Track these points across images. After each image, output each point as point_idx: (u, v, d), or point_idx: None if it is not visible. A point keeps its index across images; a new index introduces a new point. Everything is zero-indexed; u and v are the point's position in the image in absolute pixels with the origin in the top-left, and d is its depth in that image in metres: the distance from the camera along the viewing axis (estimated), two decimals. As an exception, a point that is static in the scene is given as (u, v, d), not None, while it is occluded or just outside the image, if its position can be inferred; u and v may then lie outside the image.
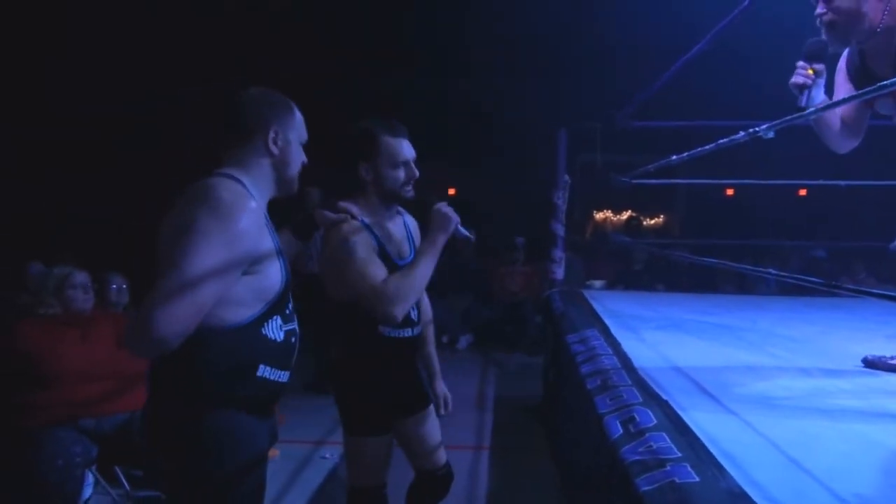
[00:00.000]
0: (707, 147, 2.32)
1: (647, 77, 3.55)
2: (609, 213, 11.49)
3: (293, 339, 1.51)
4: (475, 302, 7.10)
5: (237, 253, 1.33)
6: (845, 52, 2.05)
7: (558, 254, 4.43)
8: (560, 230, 4.40)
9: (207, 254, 1.29)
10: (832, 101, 1.95)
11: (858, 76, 2.01)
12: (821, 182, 3.95)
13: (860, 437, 1.58)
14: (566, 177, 4.43)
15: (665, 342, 2.64)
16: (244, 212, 1.35)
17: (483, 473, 3.39)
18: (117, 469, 2.83)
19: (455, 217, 1.84)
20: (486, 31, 7.58)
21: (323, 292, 1.95)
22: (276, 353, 1.45)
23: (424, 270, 1.78)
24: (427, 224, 1.85)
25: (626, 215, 11.03)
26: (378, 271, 1.78)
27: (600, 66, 7.51)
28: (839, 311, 3.48)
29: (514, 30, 7.50)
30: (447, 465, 2.20)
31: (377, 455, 1.98)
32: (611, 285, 6.02)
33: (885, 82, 1.36)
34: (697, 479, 1.25)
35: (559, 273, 4.40)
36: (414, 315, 2.00)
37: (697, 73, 2.70)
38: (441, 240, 1.82)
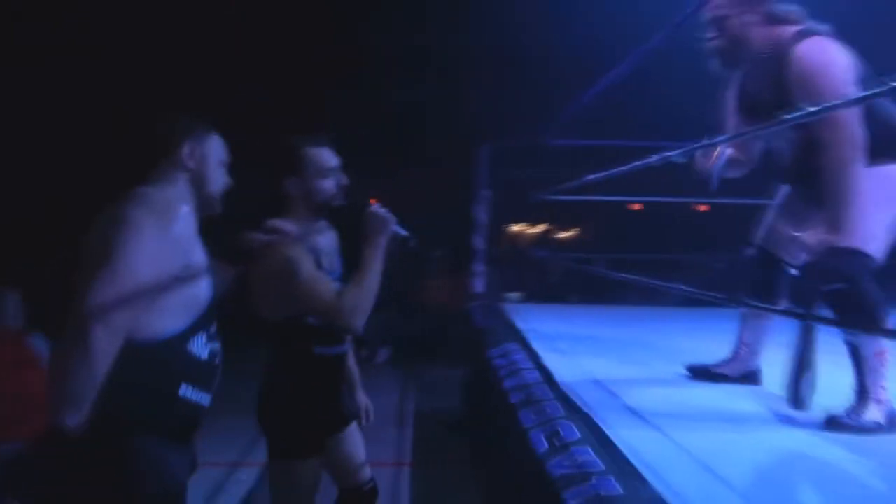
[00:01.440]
0: (622, 168, 2.43)
1: (571, 95, 3.68)
2: (524, 226, 11.80)
3: (216, 360, 1.47)
4: (394, 315, 7.09)
5: (173, 256, 1.32)
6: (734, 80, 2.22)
7: (479, 267, 4.50)
8: (481, 244, 4.48)
9: (142, 250, 1.27)
10: (730, 136, 2.12)
11: (743, 102, 2.18)
12: (720, 200, 4.22)
13: (766, 444, 1.69)
14: (486, 191, 4.52)
15: (583, 356, 2.73)
16: (179, 214, 1.36)
17: (404, 490, 3.38)
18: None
19: (390, 217, 1.84)
20: (412, 45, 7.65)
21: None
22: (200, 373, 1.40)
23: (375, 276, 1.77)
24: (363, 229, 1.83)
25: (540, 228, 11.37)
26: (329, 286, 1.75)
27: (525, 83, 7.72)
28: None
29: (440, 44, 7.61)
30: (372, 479, 2.18)
31: (312, 478, 1.93)
32: (527, 298, 6.16)
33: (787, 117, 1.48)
34: (622, 491, 1.31)
35: (480, 286, 4.46)
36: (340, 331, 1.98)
37: (620, 92, 2.81)
38: (382, 242, 1.81)
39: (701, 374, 2.39)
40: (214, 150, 1.54)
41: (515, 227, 11.46)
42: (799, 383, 1.88)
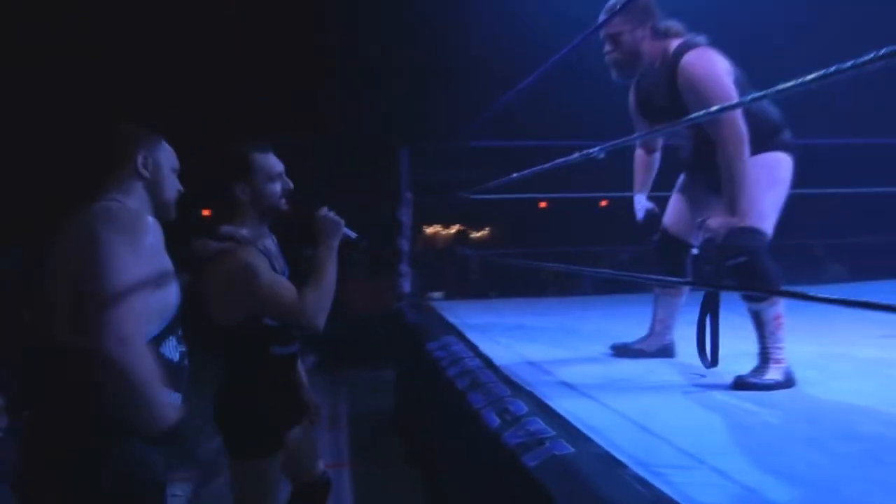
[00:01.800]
0: (545, 165, 2.63)
1: (489, 98, 3.86)
2: (439, 227, 12.02)
3: (186, 362, 1.53)
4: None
5: (148, 267, 1.37)
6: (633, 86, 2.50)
7: (404, 268, 4.61)
8: (405, 245, 4.59)
9: (120, 271, 1.32)
10: (635, 136, 2.40)
11: (642, 106, 2.46)
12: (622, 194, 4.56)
13: (688, 404, 1.93)
14: (408, 194, 4.64)
15: (517, 342, 2.92)
16: (146, 227, 1.41)
17: (346, 490, 3.45)
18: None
19: (340, 220, 1.93)
20: (330, 45, 7.66)
21: None
22: (172, 374, 1.45)
23: (331, 277, 1.85)
24: (315, 232, 1.91)
25: (454, 229, 11.61)
26: (290, 289, 1.82)
27: (444, 85, 7.91)
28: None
29: (359, 45, 7.67)
30: (326, 473, 2.26)
31: (275, 475, 1.99)
32: (448, 296, 6.35)
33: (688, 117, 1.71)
34: (573, 450, 1.48)
35: (406, 286, 4.58)
36: (295, 331, 2.05)
37: (540, 93, 3.01)
38: (335, 244, 1.90)
39: (622, 351, 2.64)
40: (166, 157, 1.60)
41: (430, 229, 11.66)
42: (706, 345, 2.14)
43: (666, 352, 2.60)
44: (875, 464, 1.47)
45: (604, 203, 9.81)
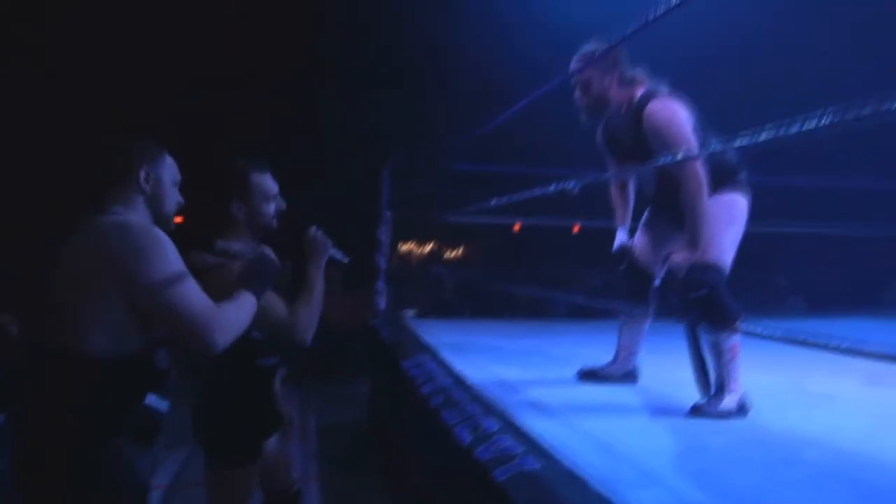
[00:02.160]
0: (523, 194, 2.76)
1: (475, 121, 3.99)
2: (413, 245, 12.12)
3: (173, 370, 1.60)
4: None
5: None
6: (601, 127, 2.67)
7: (381, 285, 4.70)
8: (383, 263, 4.69)
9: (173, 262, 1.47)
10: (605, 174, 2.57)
11: (609, 145, 2.64)
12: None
13: (648, 427, 2.06)
14: (388, 213, 4.74)
15: (489, 363, 3.03)
16: (163, 236, 1.49)
17: (317, 503, 3.50)
18: None
19: (329, 241, 2.03)
20: (318, 58, 7.75)
21: None
22: (162, 382, 1.52)
23: (318, 296, 1.94)
24: (304, 251, 2.00)
25: (429, 247, 11.73)
26: (279, 304, 1.90)
27: (429, 105, 8.04)
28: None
29: (345, 60, 7.77)
30: (296, 483, 2.33)
31: (251, 484, 2.06)
32: (422, 314, 6.43)
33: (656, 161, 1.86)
34: (539, 465, 1.59)
35: (382, 303, 4.67)
36: (279, 343, 2.13)
37: (523, 120, 3.13)
38: (323, 263, 1.99)
39: (590, 375, 2.77)
40: (168, 171, 1.65)
41: (404, 246, 11.75)
42: (707, 376, 2.28)
43: (630, 377, 2.73)
44: (814, 487, 1.60)
45: (576, 229, 10.04)
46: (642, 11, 1.66)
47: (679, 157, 2.03)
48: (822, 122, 1.16)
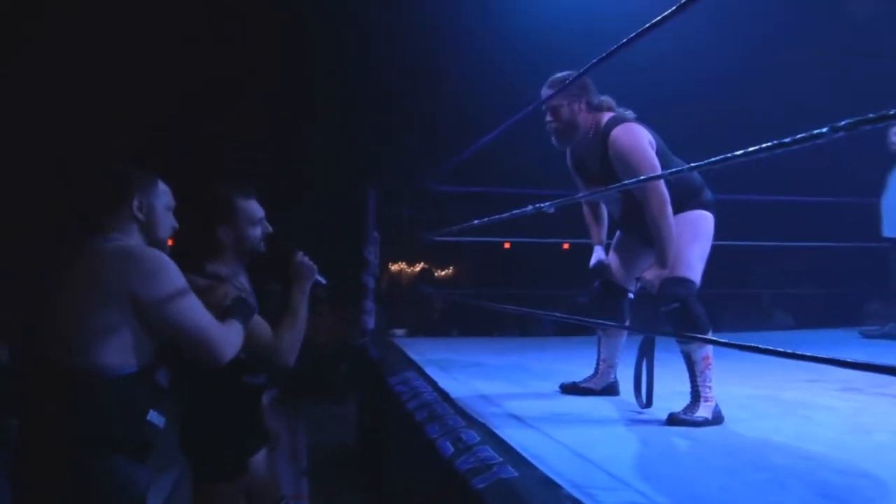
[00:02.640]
0: (503, 215, 2.86)
1: (457, 143, 4.10)
2: (404, 265, 12.19)
3: (172, 386, 1.68)
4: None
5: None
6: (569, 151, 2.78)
7: (369, 304, 4.76)
8: (371, 283, 4.75)
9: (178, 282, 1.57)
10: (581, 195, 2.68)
11: (577, 167, 2.77)
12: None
13: (623, 437, 2.13)
14: (375, 233, 4.82)
15: (473, 379, 3.10)
16: (167, 258, 1.60)
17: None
18: None
19: (314, 266, 2.11)
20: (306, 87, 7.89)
21: None
22: (162, 399, 1.60)
23: (303, 317, 2.02)
24: (290, 275, 2.08)
25: (419, 267, 11.80)
26: (264, 326, 1.98)
27: (414, 128, 8.19)
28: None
29: (331, 86, 7.91)
30: (285, 498, 2.38)
31: (239, 499, 2.11)
32: (411, 333, 6.49)
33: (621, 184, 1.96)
34: (517, 474, 1.66)
35: (370, 322, 4.73)
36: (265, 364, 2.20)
37: (506, 143, 3.24)
38: (307, 287, 2.07)
39: (571, 389, 2.84)
40: (161, 198, 1.75)
41: (394, 266, 11.82)
42: (642, 387, 2.38)
43: (610, 390, 2.81)
44: (779, 489, 1.68)
45: (566, 246, 10.15)
46: (613, 43, 1.77)
47: (642, 178, 2.15)
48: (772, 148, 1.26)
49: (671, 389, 2.49)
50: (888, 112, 1.05)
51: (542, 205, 2.42)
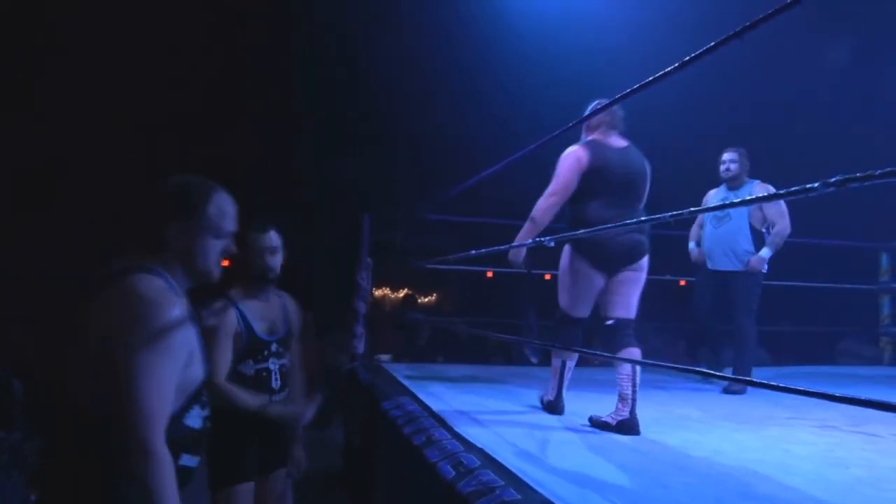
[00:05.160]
0: (501, 247, 2.98)
1: (448, 168, 4.23)
2: (387, 290, 12.24)
3: (208, 424, 1.59)
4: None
5: (181, 349, 1.46)
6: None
7: (359, 329, 4.82)
8: (363, 308, 4.81)
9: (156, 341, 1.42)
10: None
11: None
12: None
13: (616, 464, 2.22)
14: (368, 259, 4.90)
15: (466, 404, 3.17)
16: (179, 303, 1.46)
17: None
18: None
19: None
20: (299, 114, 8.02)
21: None
22: (195, 441, 1.53)
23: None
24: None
25: (402, 293, 11.85)
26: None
27: (406, 155, 8.34)
28: (589, 377, 4.37)
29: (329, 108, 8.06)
30: None
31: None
32: (396, 358, 6.52)
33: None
34: (519, 496, 1.74)
35: (360, 347, 4.78)
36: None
37: (507, 175, 3.38)
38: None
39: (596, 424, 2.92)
40: (207, 224, 1.54)
41: (378, 292, 11.85)
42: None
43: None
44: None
45: (548, 277, 10.29)
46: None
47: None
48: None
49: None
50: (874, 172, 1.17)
51: (543, 238, 2.53)
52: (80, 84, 7.25)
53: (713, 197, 4.40)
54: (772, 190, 4.00)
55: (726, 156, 4.24)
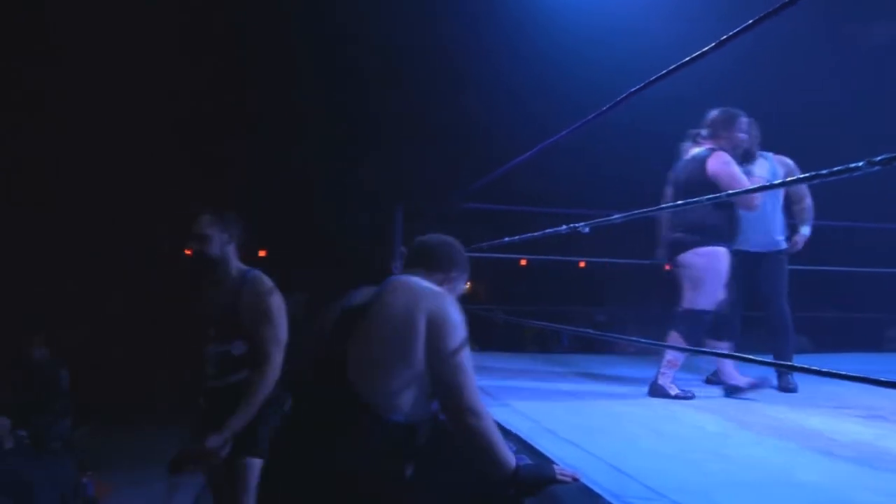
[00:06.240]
0: (536, 234, 2.96)
1: (486, 162, 4.21)
2: (422, 280, 12.27)
3: None
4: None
5: None
6: None
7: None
8: (397, 296, 4.84)
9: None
10: None
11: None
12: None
13: (652, 450, 2.21)
14: (402, 248, 4.93)
15: (502, 391, 3.19)
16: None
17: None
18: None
19: None
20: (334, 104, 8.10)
21: None
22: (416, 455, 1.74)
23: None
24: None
25: (437, 282, 11.90)
26: None
27: (443, 146, 8.36)
28: (622, 366, 4.34)
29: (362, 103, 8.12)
30: None
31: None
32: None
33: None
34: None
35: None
36: None
37: (537, 164, 3.36)
38: None
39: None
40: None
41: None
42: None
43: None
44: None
45: (582, 264, 10.21)
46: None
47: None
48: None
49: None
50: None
51: (578, 225, 2.51)
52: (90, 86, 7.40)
53: None
54: (790, 163, 3.77)
55: None
